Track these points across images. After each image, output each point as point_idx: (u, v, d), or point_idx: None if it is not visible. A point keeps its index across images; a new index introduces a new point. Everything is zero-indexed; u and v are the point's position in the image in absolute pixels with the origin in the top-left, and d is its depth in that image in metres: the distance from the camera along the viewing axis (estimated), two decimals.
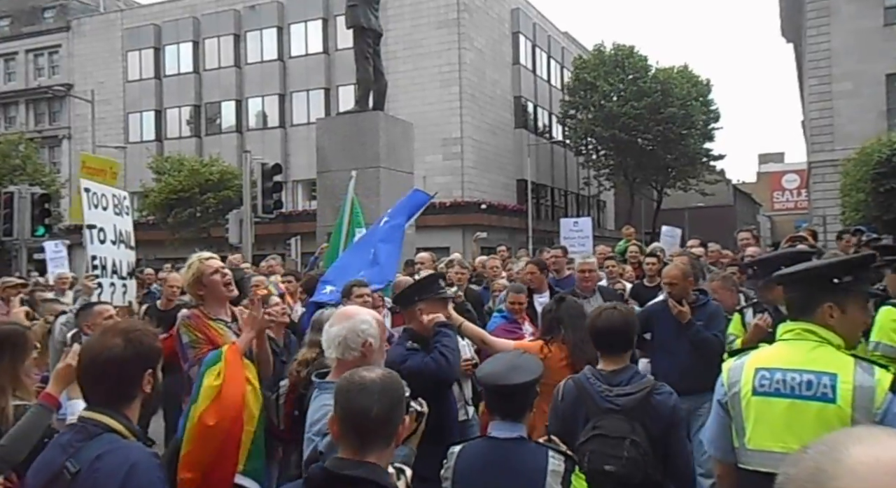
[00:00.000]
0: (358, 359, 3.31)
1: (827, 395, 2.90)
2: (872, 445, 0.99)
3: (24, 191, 16.54)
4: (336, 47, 42.18)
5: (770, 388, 3.01)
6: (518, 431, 3.32)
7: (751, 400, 3.04)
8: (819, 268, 3.20)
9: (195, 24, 47.44)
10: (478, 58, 42.29)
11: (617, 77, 43.71)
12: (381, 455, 2.45)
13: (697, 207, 59.35)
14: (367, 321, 3.45)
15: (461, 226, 36.93)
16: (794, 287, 3.15)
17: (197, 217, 37.93)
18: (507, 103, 45.83)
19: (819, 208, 30.90)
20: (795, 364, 2.98)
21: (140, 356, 2.68)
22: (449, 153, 40.76)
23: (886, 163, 22.02)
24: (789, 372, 2.97)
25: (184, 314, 4.83)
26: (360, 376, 2.54)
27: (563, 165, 51.81)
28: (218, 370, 4.02)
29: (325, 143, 15.54)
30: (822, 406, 2.90)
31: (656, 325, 6.50)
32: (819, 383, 2.92)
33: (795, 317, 3.09)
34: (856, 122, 29.16)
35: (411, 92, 40.25)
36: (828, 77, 30.78)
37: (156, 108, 48.65)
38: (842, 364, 2.93)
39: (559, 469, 3.19)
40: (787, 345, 3.07)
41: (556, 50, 53.14)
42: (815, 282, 3.08)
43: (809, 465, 1.01)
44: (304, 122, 41.23)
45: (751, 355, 3.14)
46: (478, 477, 3.26)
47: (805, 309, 3.06)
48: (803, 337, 3.03)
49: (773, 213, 69.82)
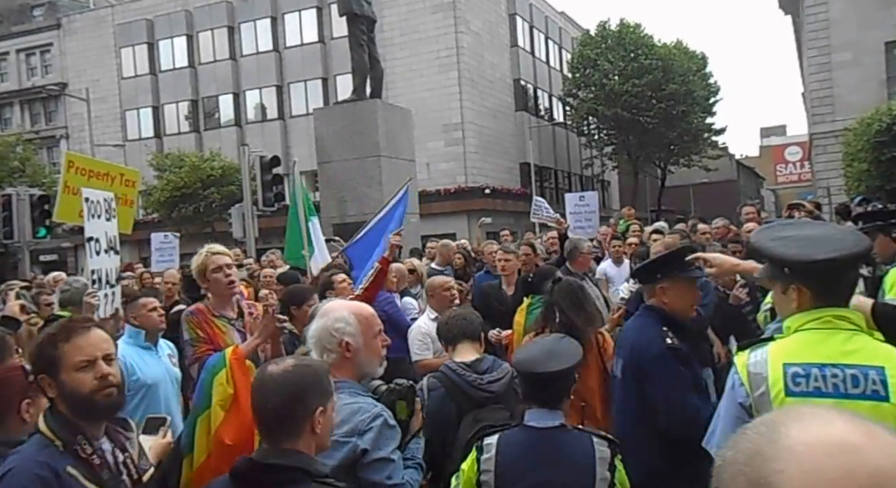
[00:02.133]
0: (339, 361, 3.16)
1: (878, 393, 2.54)
2: (812, 423, 0.94)
3: (23, 192, 16.44)
4: (332, 36, 41.90)
5: (808, 387, 2.61)
6: (557, 419, 3.25)
7: (785, 402, 2.61)
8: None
9: (188, 17, 47.19)
10: (475, 41, 42.04)
11: (618, 54, 43.54)
12: (297, 443, 2.46)
13: (701, 183, 59.29)
14: (343, 318, 3.22)
15: (466, 212, 36.87)
16: (829, 271, 2.69)
17: (200, 212, 37.92)
18: (506, 86, 45.61)
19: (822, 179, 30.78)
20: (833, 358, 2.60)
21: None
22: (450, 139, 40.63)
23: (887, 132, 21.91)
24: (828, 367, 2.58)
25: (188, 309, 4.82)
26: (263, 371, 2.63)
27: (566, 147, 51.67)
28: (225, 376, 3.90)
29: (323, 134, 15.48)
30: (875, 404, 2.53)
31: None
32: (867, 378, 2.56)
33: (821, 305, 2.68)
34: (856, 92, 28.94)
35: (410, 78, 40.10)
36: (827, 47, 30.54)
37: (152, 104, 48.43)
38: (887, 354, 2.60)
39: (605, 455, 3.16)
40: (816, 335, 2.66)
41: (553, 31, 52.87)
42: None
43: (747, 447, 0.94)
44: (304, 113, 40.98)
45: (770, 348, 2.73)
46: (524, 468, 3.19)
47: (839, 294, 2.72)
48: (835, 325, 2.65)
49: (776, 187, 69.71)
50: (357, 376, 3.24)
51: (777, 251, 2.75)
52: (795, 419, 0.95)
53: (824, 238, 2.73)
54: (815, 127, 31.96)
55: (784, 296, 2.75)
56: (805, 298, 2.68)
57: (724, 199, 51.48)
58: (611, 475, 3.13)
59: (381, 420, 3.07)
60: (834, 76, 30.36)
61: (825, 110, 30.91)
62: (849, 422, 0.94)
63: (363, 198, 14.50)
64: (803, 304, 2.68)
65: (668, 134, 44.88)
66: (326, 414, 2.55)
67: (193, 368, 4.37)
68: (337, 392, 2.93)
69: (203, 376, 4.01)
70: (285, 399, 2.48)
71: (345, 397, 3.04)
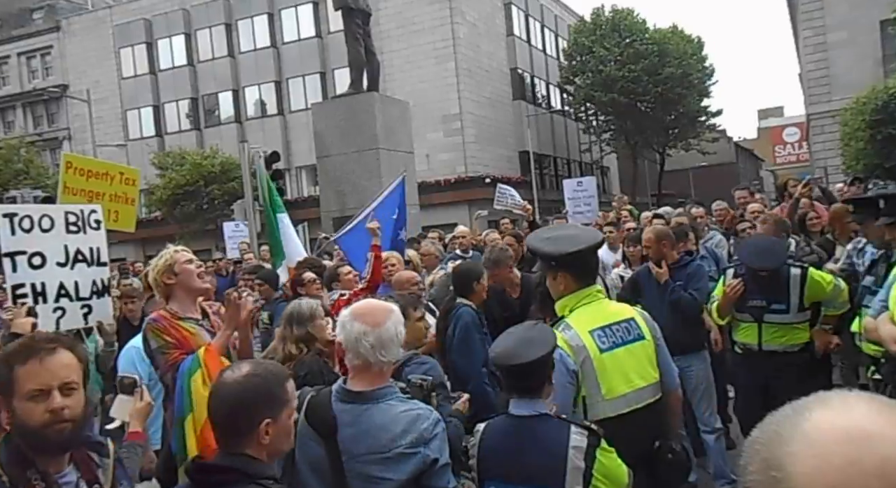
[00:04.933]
0: (380, 370, 3.09)
1: (641, 335, 3.68)
2: (834, 409, 0.93)
3: (27, 194, 16.58)
4: (329, 30, 41.99)
5: (609, 343, 3.55)
6: (538, 408, 3.24)
7: (599, 358, 3.50)
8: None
9: (185, 16, 47.30)
10: (471, 31, 42.09)
11: (613, 41, 43.53)
12: (247, 448, 2.49)
13: (700, 167, 59.20)
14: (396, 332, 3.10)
15: (466, 202, 36.97)
16: (580, 260, 3.71)
17: (203, 209, 38.12)
18: (503, 75, 45.67)
19: (820, 159, 30.84)
20: (610, 319, 3.64)
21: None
22: (449, 129, 40.74)
23: (883, 110, 22.02)
24: (611, 325, 3.60)
25: (149, 318, 4.38)
26: (220, 376, 2.66)
27: (564, 134, 51.69)
28: (201, 377, 3.84)
29: (322, 128, 15.62)
30: (642, 343, 3.66)
31: (643, 290, 6.63)
32: (631, 327, 3.67)
33: (587, 284, 3.70)
34: (852, 71, 29.00)
35: (407, 70, 40.19)
36: (822, 27, 30.59)
37: (153, 103, 48.59)
38: (629, 310, 3.85)
39: (581, 444, 3.13)
40: (592, 306, 3.66)
41: (549, 18, 52.84)
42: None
43: (771, 429, 0.94)
44: (303, 108, 41.02)
45: (571, 323, 3.58)
46: (502, 455, 3.26)
47: (591, 275, 3.78)
48: (596, 297, 3.71)
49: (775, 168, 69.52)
50: (388, 378, 3.19)
51: (545, 249, 3.72)
52: (821, 403, 0.94)
53: (573, 236, 3.76)
54: (812, 107, 32.02)
55: (555, 281, 3.72)
56: (569, 281, 3.66)
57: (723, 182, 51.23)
58: (587, 464, 3.13)
59: (441, 425, 3.03)
60: (830, 56, 30.39)
61: (822, 90, 30.97)
62: (872, 410, 0.91)
63: (362, 191, 14.60)
64: (569, 286, 3.67)
65: (665, 118, 44.90)
66: (277, 425, 2.51)
67: (167, 377, 4.14)
68: (384, 399, 2.99)
69: (180, 383, 3.94)
70: (230, 410, 2.49)
71: (397, 404, 3.01)
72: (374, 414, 2.97)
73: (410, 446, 2.88)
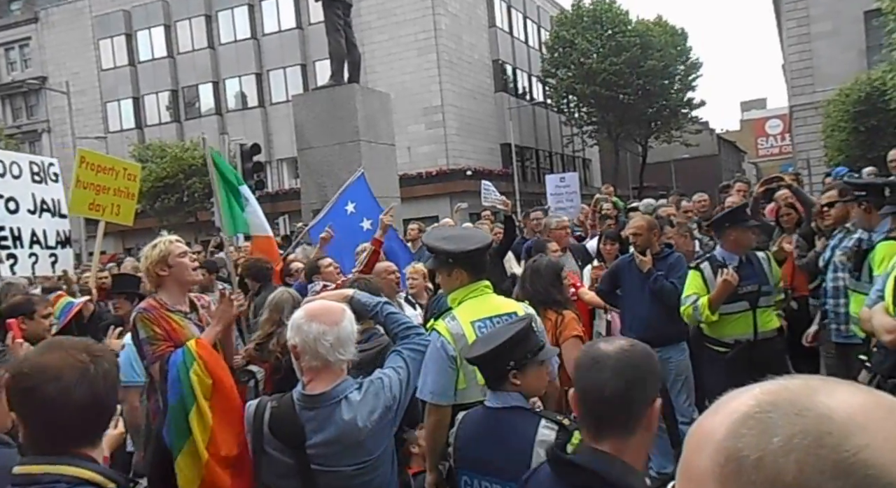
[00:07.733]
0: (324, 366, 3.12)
1: None
2: (835, 391, 0.79)
3: None
4: (310, 21, 41.62)
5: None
6: (510, 401, 3.19)
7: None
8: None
9: (165, 7, 46.90)
10: (453, 23, 41.93)
11: (595, 33, 43.45)
12: (617, 443, 2.20)
13: (683, 159, 59.48)
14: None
15: (448, 195, 36.84)
16: (473, 257, 4.06)
17: (184, 202, 37.88)
18: (485, 67, 45.54)
19: (803, 151, 30.95)
20: (493, 311, 3.96)
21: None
22: (431, 122, 40.60)
23: (866, 101, 22.06)
24: (493, 317, 3.90)
25: (140, 306, 4.38)
26: (595, 349, 2.35)
27: (546, 126, 51.68)
28: (200, 369, 3.86)
29: (303, 120, 15.42)
30: None
31: (624, 279, 6.68)
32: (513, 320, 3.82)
33: (479, 279, 4.06)
34: (836, 63, 29.02)
35: (388, 62, 40.01)
36: (806, 18, 30.58)
37: (133, 95, 48.19)
38: (512, 304, 4.18)
39: (549, 438, 3.02)
40: (479, 300, 4.00)
41: (531, 10, 52.71)
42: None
43: (796, 431, 0.75)
44: (284, 100, 40.79)
45: (456, 314, 3.92)
46: (473, 446, 3.26)
47: (482, 270, 4.11)
48: (484, 292, 4.05)
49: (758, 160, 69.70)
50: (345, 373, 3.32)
51: (445, 247, 4.04)
52: (815, 391, 0.80)
53: (469, 236, 4.25)
54: (795, 99, 32.04)
55: (450, 277, 4.06)
56: (464, 276, 4.01)
57: (705, 174, 51.74)
58: None
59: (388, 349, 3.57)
60: (813, 47, 30.39)
61: (805, 81, 30.99)
62: (841, 383, 0.82)
63: (344, 183, 14.45)
64: (464, 281, 4.02)
65: (648, 110, 44.95)
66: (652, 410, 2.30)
67: (154, 368, 4.12)
68: (345, 392, 3.11)
69: (174, 374, 3.91)
70: (628, 381, 2.21)
71: (356, 392, 3.14)
72: (341, 410, 3.05)
73: (383, 415, 3.11)
